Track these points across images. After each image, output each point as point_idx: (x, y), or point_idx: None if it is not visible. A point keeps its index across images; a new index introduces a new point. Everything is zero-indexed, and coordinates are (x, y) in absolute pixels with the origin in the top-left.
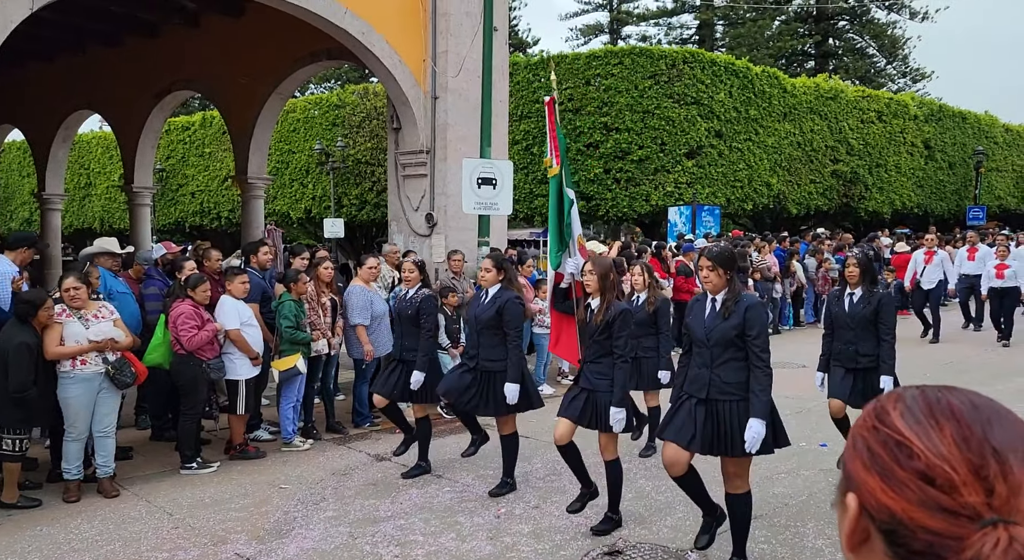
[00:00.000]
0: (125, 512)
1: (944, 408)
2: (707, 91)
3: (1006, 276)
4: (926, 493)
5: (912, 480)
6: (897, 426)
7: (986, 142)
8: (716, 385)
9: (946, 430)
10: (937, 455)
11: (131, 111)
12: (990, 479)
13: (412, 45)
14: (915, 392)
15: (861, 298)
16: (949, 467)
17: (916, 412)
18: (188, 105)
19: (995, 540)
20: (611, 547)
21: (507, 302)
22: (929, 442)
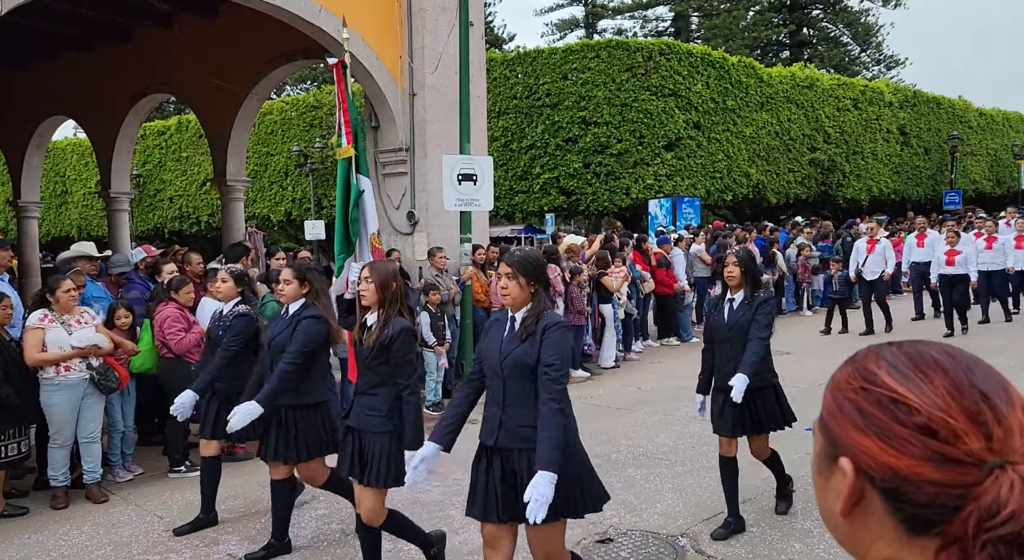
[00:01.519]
0: (115, 517)
1: (928, 361)
2: (684, 82)
3: (956, 263)
4: (929, 447)
5: (914, 436)
6: (888, 384)
7: (960, 127)
8: (509, 429)
9: (936, 382)
10: (935, 407)
11: (106, 116)
12: (987, 424)
13: (388, 42)
14: (892, 349)
15: (742, 304)
16: (949, 417)
17: (902, 368)
18: (163, 109)
19: (1010, 482)
20: (602, 535)
21: (304, 321)
22: (924, 396)
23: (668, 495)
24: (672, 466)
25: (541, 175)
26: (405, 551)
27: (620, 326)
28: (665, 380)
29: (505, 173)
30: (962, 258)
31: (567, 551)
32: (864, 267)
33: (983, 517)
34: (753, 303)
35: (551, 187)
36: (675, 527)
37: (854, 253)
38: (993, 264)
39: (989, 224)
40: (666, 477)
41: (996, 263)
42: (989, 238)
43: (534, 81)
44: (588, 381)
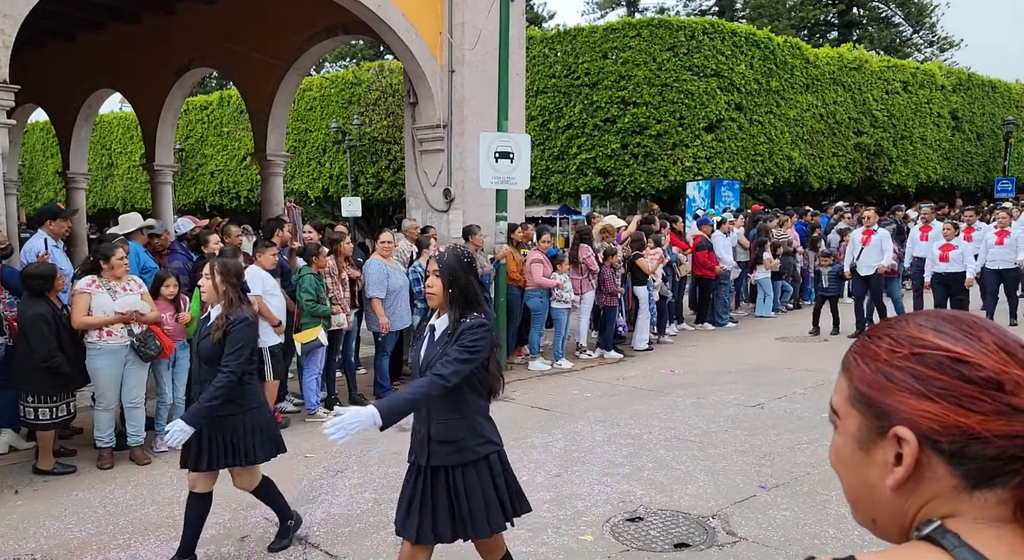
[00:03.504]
0: (157, 478)
1: (968, 322)
2: (727, 63)
3: (951, 259)
4: (999, 400)
5: (983, 392)
6: (944, 345)
7: (1016, 112)
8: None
9: (986, 339)
10: (997, 361)
11: (151, 89)
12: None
13: (428, 18)
14: (921, 317)
15: (443, 334)
16: (1011, 370)
17: (949, 330)
18: (205, 84)
19: None
20: (632, 514)
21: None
22: (981, 353)
23: (700, 477)
24: (704, 449)
25: (578, 155)
26: None
27: (655, 308)
28: (699, 364)
29: (542, 153)
30: (957, 254)
31: None
32: (859, 260)
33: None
34: (456, 332)
35: (588, 168)
36: (706, 508)
37: (849, 245)
38: (1004, 261)
39: (1003, 215)
40: (698, 459)
41: (1008, 259)
42: (1001, 232)
43: (573, 60)
44: (621, 362)
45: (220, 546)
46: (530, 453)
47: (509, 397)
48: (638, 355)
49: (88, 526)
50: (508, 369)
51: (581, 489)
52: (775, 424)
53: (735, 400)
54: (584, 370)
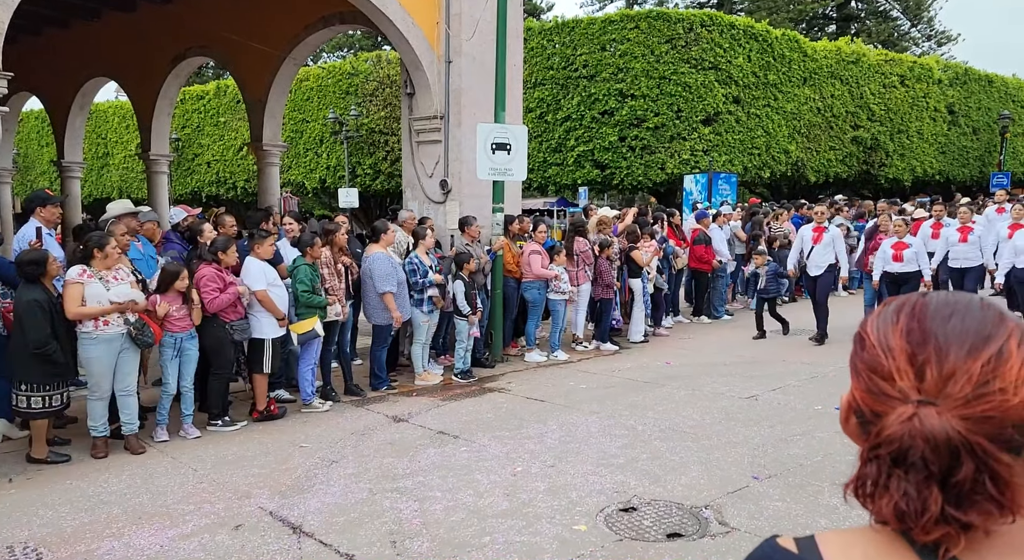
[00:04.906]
0: (151, 467)
1: (911, 305)
2: (725, 56)
3: (905, 258)
4: (871, 379)
5: (864, 370)
6: (865, 324)
7: (1012, 106)
8: None
9: (899, 323)
10: (883, 346)
11: (147, 77)
12: (924, 366)
13: (426, 8)
14: (910, 295)
15: None
16: (889, 356)
17: (890, 309)
18: (202, 74)
19: (899, 413)
20: (626, 504)
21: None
22: (881, 335)
23: (693, 468)
24: (699, 440)
25: (576, 148)
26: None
27: (649, 301)
28: (694, 356)
29: (539, 145)
30: (911, 253)
31: None
32: (809, 260)
33: (873, 437)
34: None
35: (585, 160)
36: (699, 499)
37: (797, 242)
38: (967, 259)
39: (964, 211)
40: (692, 450)
41: (971, 258)
42: (964, 228)
43: (571, 52)
44: (616, 354)
45: (215, 535)
46: (525, 444)
47: (505, 388)
48: (634, 347)
49: (82, 515)
50: (504, 360)
51: (575, 479)
52: (769, 416)
53: (729, 392)
54: (580, 362)
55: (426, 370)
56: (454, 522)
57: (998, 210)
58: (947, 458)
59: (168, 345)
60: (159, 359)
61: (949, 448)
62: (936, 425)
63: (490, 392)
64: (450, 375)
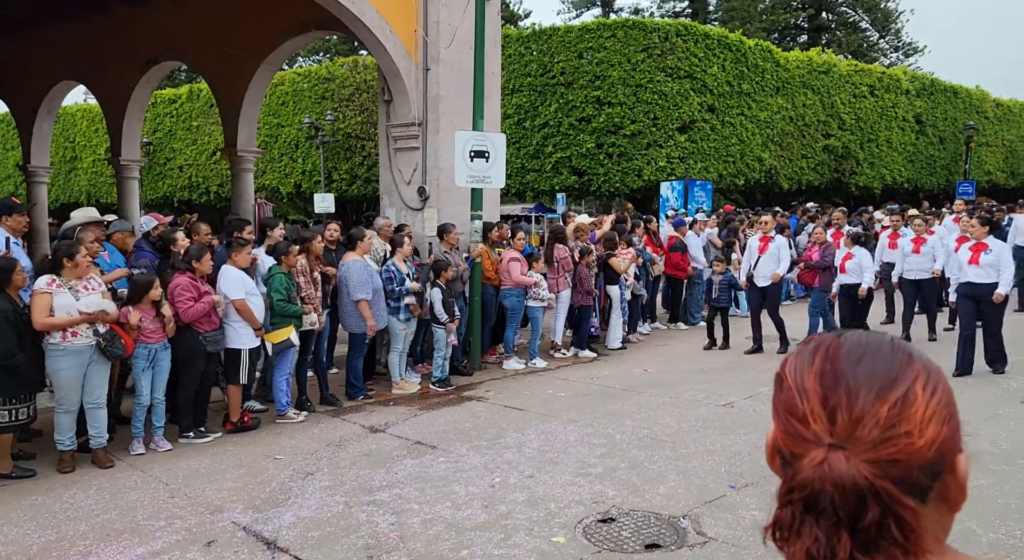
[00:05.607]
0: (120, 482)
1: (826, 346)
2: (700, 65)
3: (849, 269)
4: (788, 421)
5: (783, 411)
6: (784, 365)
7: (977, 117)
8: None
9: (815, 365)
10: (799, 388)
11: (117, 82)
12: (835, 409)
13: (403, 15)
14: (826, 335)
15: None
16: (804, 398)
17: (806, 350)
18: (174, 77)
19: (812, 457)
20: (604, 515)
21: None
22: (797, 377)
23: (671, 477)
24: (676, 448)
25: (553, 154)
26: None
27: (627, 307)
28: (671, 363)
29: (517, 151)
30: (854, 264)
31: None
32: (756, 270)
33: (787, 481)
34: None
35: (563, 167)
36: (677, 508)
37: (746, 252)
38: (921, 270)
39: (918, 222)
40: (670, 459)
41: (925, 269)
42: (917, 239)
43: (549, 59)
44: (594, 362)
45: (185, 552)
46: (504, 454)
47: (483, 396)
48: (612, 354)
49: (48, 532)
50: (483, 368)
51: (554, 490)
52: (744, 423)
53: (706, 399)
54: (559, 369)
55: (403, 378)
56: (431, 535)
57: (955, 220)
58: (854, 503)
59: (141, 356)
60: (132, 371)
61: (856, 493)
62: (844, 470)
63: (468, 401)
64: (428, 383)
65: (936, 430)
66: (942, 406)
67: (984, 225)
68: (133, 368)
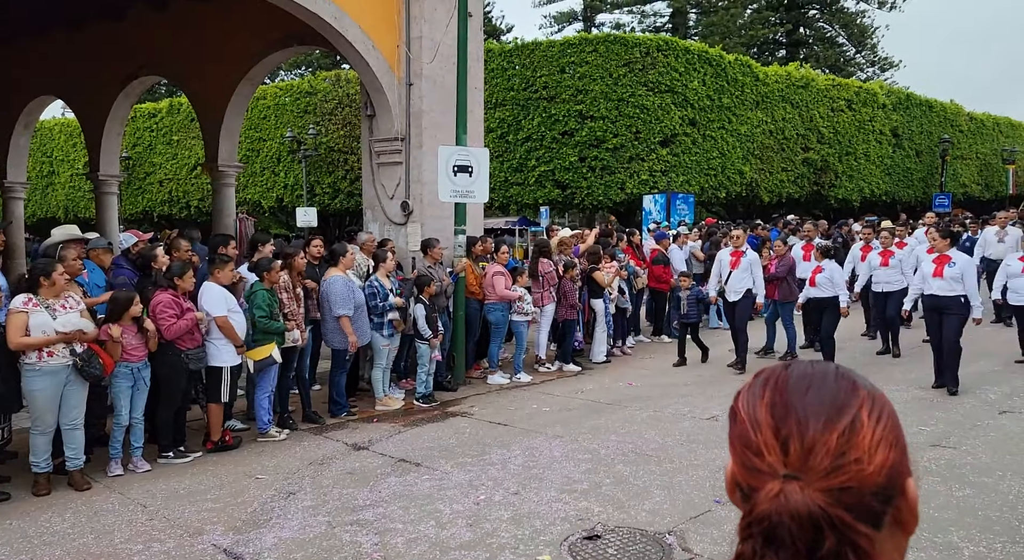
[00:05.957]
0: (97, 505)
1: (775, 378)
2: (681, 79)
3: (819, 283)
4: (744, 454)
5: (738, 444)
6: (737, 398)
7: (951, 130)
8: None
9: (765, 397)
10: (751, 420)
11: (96, 97)
12: (788, 440)
13: (386, 30)
14: (775, 366)
15: None
16: (757, 431)
17: (757, 382)
18: (155, 91)
19: (768, 490)
20: (590, 532)
21: None
22: (750, 409)
23: (656, 492)
24: (661, 463)
25: (537, 168)
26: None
27: (611, 321)
28: (656, 376)
29: (501, 165)
30: (824, 277)
31: None
32: (728, 285)
33: (747, 515)
34: None
35: (546, 180)
36: (663, 525)
37: (716, 266)
38: (889, 283)
39: (885, 235)
40: (655, 474)
41: (892, 282)
42: (885, 252)
43: (531, 73)
44: (579, 376)
45: None
46: (488, 470)
47: (468, 412)
48: (596, 368)
49: (22, 557)
50: (467, 383)
51: (539, 507)
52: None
53: (690, 412)
54: (543, 384)
55: (387, 395)
56: (415, 555)
57: (926, 232)
58: (811, 533)
59: (123, 375)
60: (112, 390)
61: (812, 523)
62: (799, 501)
63: (453, 416)
64: (412, 399)
65: (884, 455)
66: (888, 431)
67: (945, 238)
68: (113, 387)
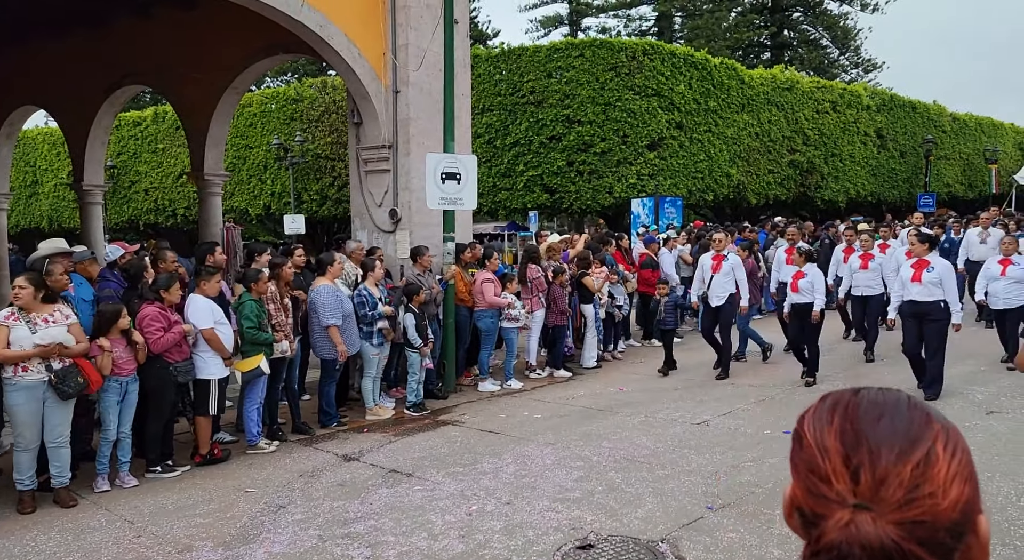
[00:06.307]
0: (84, 522)
1: (844, 405)
2: (667, 83)
3: (801, 289)
4: (810, 479)
5: (803, 470)
6: (803, 420)
7: (935, 131)
8: None
9: (834, 424)
10: (819, 446)
11: (80, 107)
12: (859, 470)
13: (372, 38)
14: (843, 392)
15: None
16: (825, 457)
17: (823, 408)
18: (139, 100)
19: (837, 519)
20: (583, 541)
21: None
22: (818, 435)
23: (648, 499)
24: (653, 470)
25: (525, 172)
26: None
27: (601, 326)
28: (646, 381)
29: (489, 170)
30: (806, 282)
31: None
32: (710, 290)
33: (813, 544)
34: None
35: (535, 185)
36: (655, 532)
37: (699, 271)
38: (868, 288)
39: (865, 238)
40: (647, 481)
41: (872, 286)
42: (865, 255)
43: (518, 78)
44: (570, 381)
45: None
46: (480, 480)
47: (459, 420)
48: (587, 373)
49: None
50: (458, 391)
51: (532, 517)
52: (720, 442)
53: (681, 417)
54: (534, 390)
55: (377, 404)
56: None
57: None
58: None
59: (113, 390)
60: (100, 404)
61: (884, 555)
62: (872, 532)
63: (444, 425)
64: (402, 408)
65: (959, 490)
66: (963, 466)
67: (923, 242)
68: (102, 402)
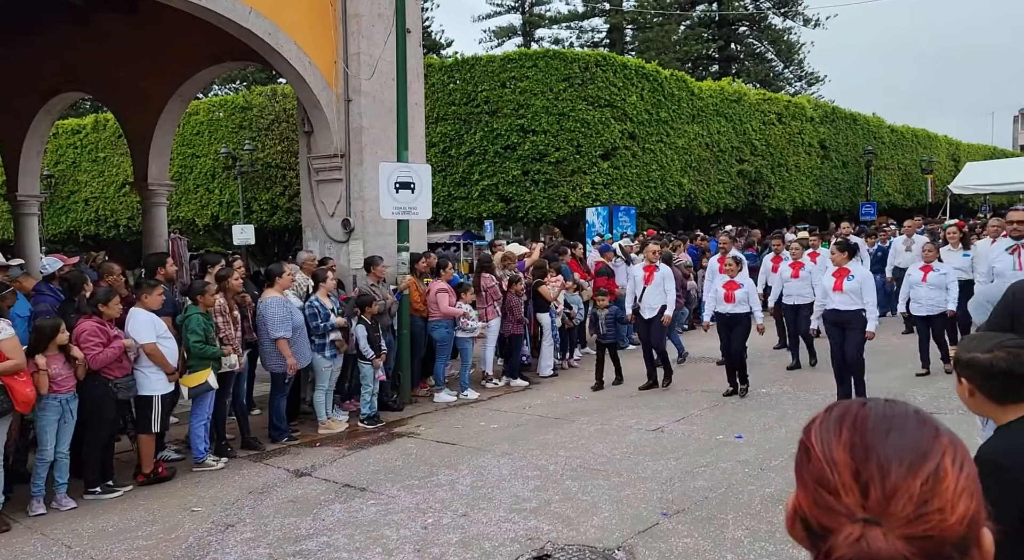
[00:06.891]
0: (18, 548)
1: (852, 417)
2: (619, 94)
3: (736, 299)
4: (818, 492)
5: (811, 482)
6: (809, 433)
7: (874, 142)
8: None
9: (843, 436)
10: (828, 459)
11: (14, 115)
12: (868, 483)
13: (322, 46)
14: (850, 403)
15: None
16: (834, 470)
17: (830, 420)
18: (79, 107)
19: (847, 533)
20: (539, 551)
21: None
22: (825, 447)
23: (605, 507)
24: (609, 477)
25: (480, 182)
26: None
27: (558, 335)
28: (603, 389)
29: (443, 179)
30: (743, 293)
31: None
32: (642, 302)
33: (821, 557)
34: None
35: (490, 194)
36: (611, 540)
37: (630, 283)
38: (800, 296)
39: (795, 246)
40: (603, 489)
41: (804, 295)
42: (795, 264)
43: (472, 88)
44: (527, 390)
45: None
46: (436, 492)
47: (414, 432)
48: (544, 382)
49: None
50: (413, 402)
51: (488, 528)
52: (674, 448)
53: (637, 424)
54: (490, 400)
55: (330, 417)
56: None
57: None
58: None
59: (52, 408)
60: (37, 423)
61: None
62: (883, 548)
63: (399, 437)
64: (356, 421)
65: (966, 505)
66: (970, 481)
67: (843, 251)
68: (39, 421)
